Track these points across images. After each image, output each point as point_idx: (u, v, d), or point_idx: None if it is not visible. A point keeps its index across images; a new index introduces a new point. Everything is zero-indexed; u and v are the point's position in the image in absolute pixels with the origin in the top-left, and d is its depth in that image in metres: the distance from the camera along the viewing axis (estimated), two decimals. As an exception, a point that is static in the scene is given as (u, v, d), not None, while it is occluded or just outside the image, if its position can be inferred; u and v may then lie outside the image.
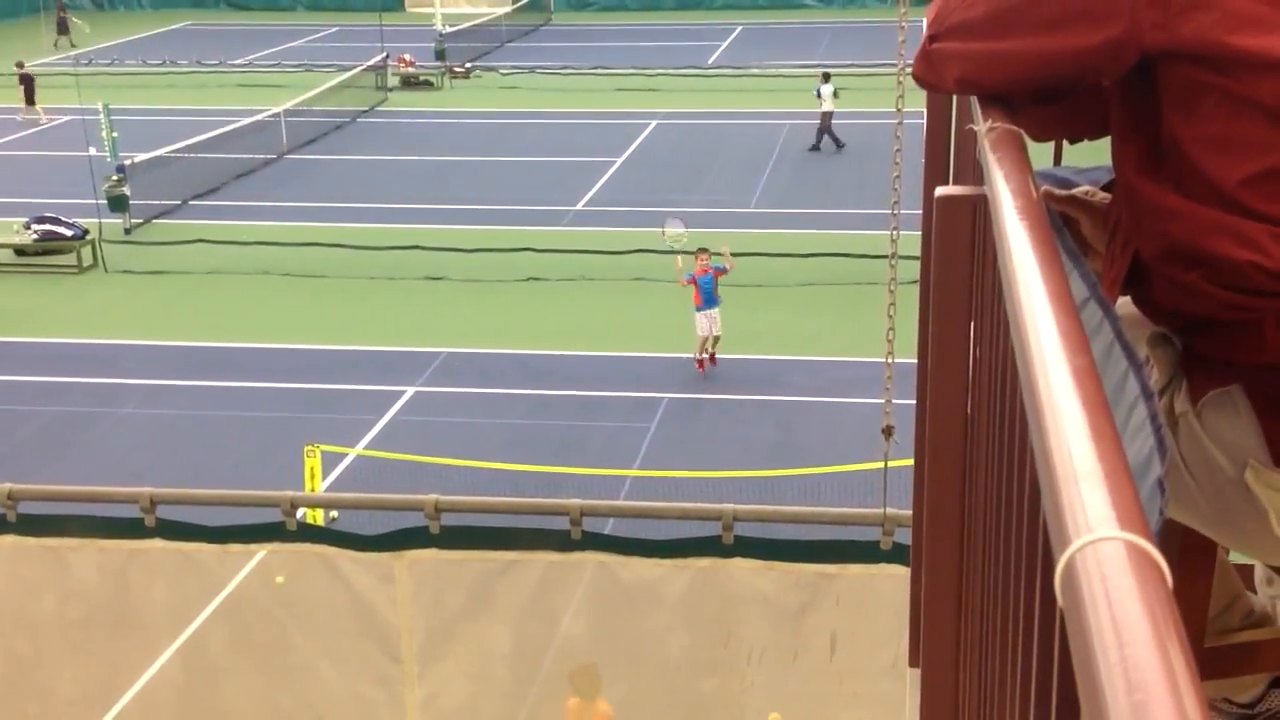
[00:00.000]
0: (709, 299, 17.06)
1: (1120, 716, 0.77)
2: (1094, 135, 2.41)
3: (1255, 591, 2.63)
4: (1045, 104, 2.27)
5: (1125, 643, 0.82)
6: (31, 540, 5.92)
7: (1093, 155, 2.84)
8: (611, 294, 19.83)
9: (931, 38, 2.19)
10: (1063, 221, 2.29)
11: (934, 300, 2.35)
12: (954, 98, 3.23)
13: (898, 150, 4.60)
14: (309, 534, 5.88)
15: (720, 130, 31.32)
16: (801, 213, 24.06)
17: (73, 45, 45.49)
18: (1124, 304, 2.18)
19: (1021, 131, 2.04)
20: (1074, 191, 2.41)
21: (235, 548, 5.86)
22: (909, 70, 4.71)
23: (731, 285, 19.83)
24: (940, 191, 2.32)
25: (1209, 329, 2.02)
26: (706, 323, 17.00)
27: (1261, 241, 1.86)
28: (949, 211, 2.28)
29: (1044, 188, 2.42)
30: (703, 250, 17.55)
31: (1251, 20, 1.81)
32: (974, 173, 2.52)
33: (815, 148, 28.71)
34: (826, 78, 28.78)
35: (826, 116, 28.39)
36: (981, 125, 2.11)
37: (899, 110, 4.43)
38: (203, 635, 6.40)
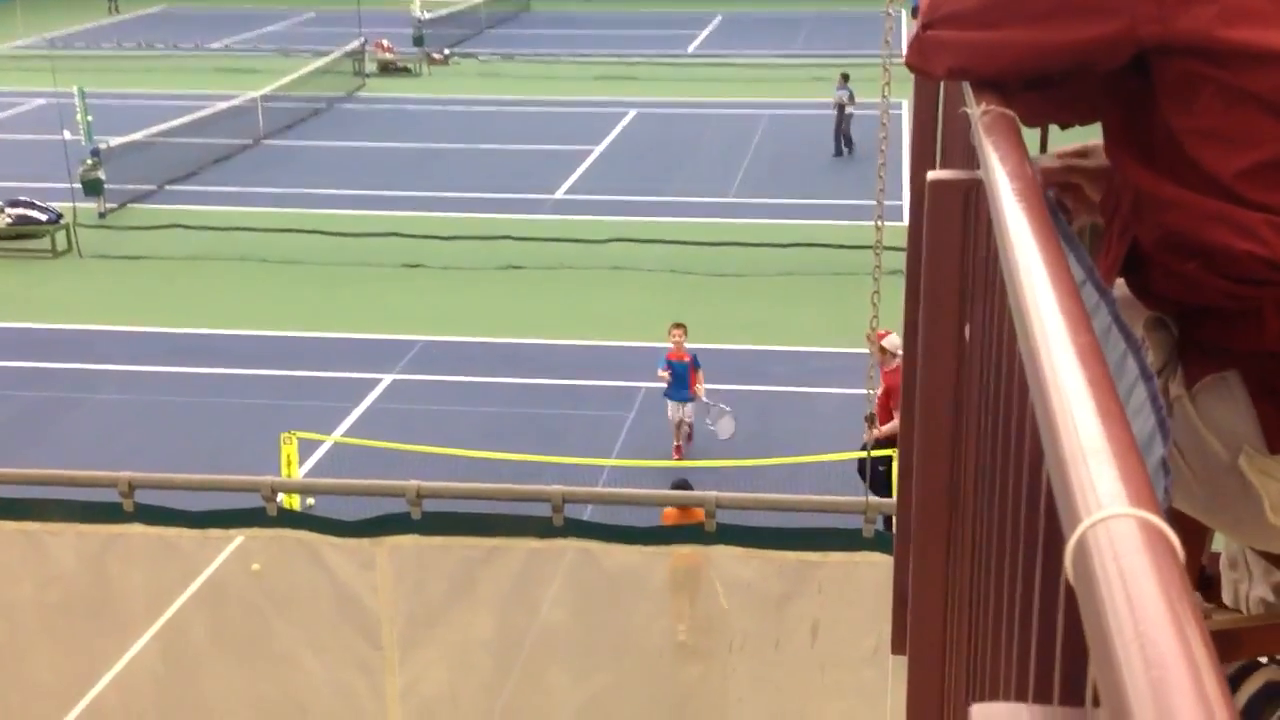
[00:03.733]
0: (679, 388, 14.45)
1: (1138, 694, 0.76)
2: (1085, 121, 2.41)
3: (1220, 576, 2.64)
4: (1037, 90, 2.26)
5: (1140, 620, 0.82)
6: (9, 524, 5.87)
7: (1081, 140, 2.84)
8: (590, 283, 19.80)
9: (925, 25, 2.18)
10: (1061, 188, 2.29)
11: (925, 285, 2.34)
12: (941, 84, 3.22)
13: (883, 137, 4.59)
14: (289, 519, 5.85)
15: (700, 119, 31.31)
16: (780, 203, 24.07)
17: (118, 10, 46.11)
18: (1118, 286, 2.18)
19: (1015, 115, 2.03)
20: (1072, 148, 2.41)
21: (215, 533, 5.82)
22: (895, 59, 4.69)
23: (712, 275, 19.86)
24: (932, 176, 2.31)
25: (1207, 316, 2.02)
26: (674, 410, 14.50)
27: (1260, 231, 1.86)
28: (941, 196, 2.27)
29: (1040, 163, 2.43)
30: (677, 326, 14.77)
31: (1249, 13, 1.81)
32: (965, 157, 2.51)
33: (841, 152, 27.49)
34: (846, 79, 27.26)
35: (845, 118, 27.15)
36: (975, 109, 2.10)
37: (884, 97, 4.42)
38: (182, 621, 6.36)
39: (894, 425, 12.37)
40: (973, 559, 1.99)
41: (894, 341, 12.93)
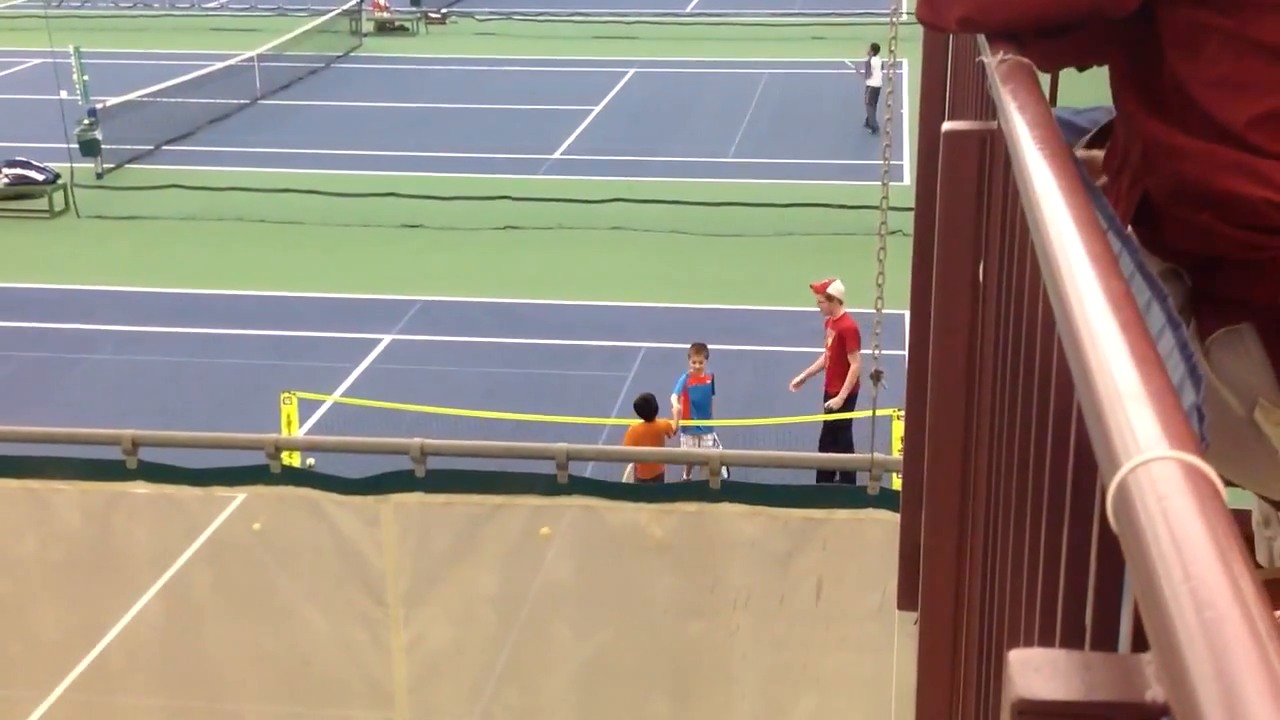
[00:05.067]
0: (702, 415, 12.80)
1: (1190, 636, 0.75)
2: (1102, 62, 2.39)
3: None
4: (1051, 37, 2.24)
5: (1189, 561, 0.80)
6: (13, 482, 5.87)
7: (1092, 94, 2.82)
8: (588, 243, 19.76)
9: None
10: None
11: (940, 238, 2.32)
12: (949, 37, 3.19)
13: (889, 92, 4.56)
14: (294, 477, 5.85)
15: (698, 79, 31.16)
16: (779, 163, 23.99)
17: None
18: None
19: (1032, 63, 2.01)
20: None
21: (219, 490, 5.82)
22: (897, 18, 4.62)
23: (710, 235, 19.82)
24: (947, 126, 2.29)
25: (1221, 267, 2.00)
26: (691, 446, 12.44)
27: (1276, 178, 1.84)
28: (956, 146, 2.26)
29: None
30: (698, 350, 12.96)
31: None
32: (976, 108, 2.49)
33: (870, 125, 25.80)
34: (876, 50, 25.52)
35: (874, 92, 25.17)
36: (991, 58, 2.08)
37: (892, 51, 4.39)
38: (186, 578, 6.37)
39: (853, 373, 12.47)
40: (989, 508, 1.98)
41: (840, 288, 12.88)
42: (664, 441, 12.10)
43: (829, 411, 12.76)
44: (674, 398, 12.87)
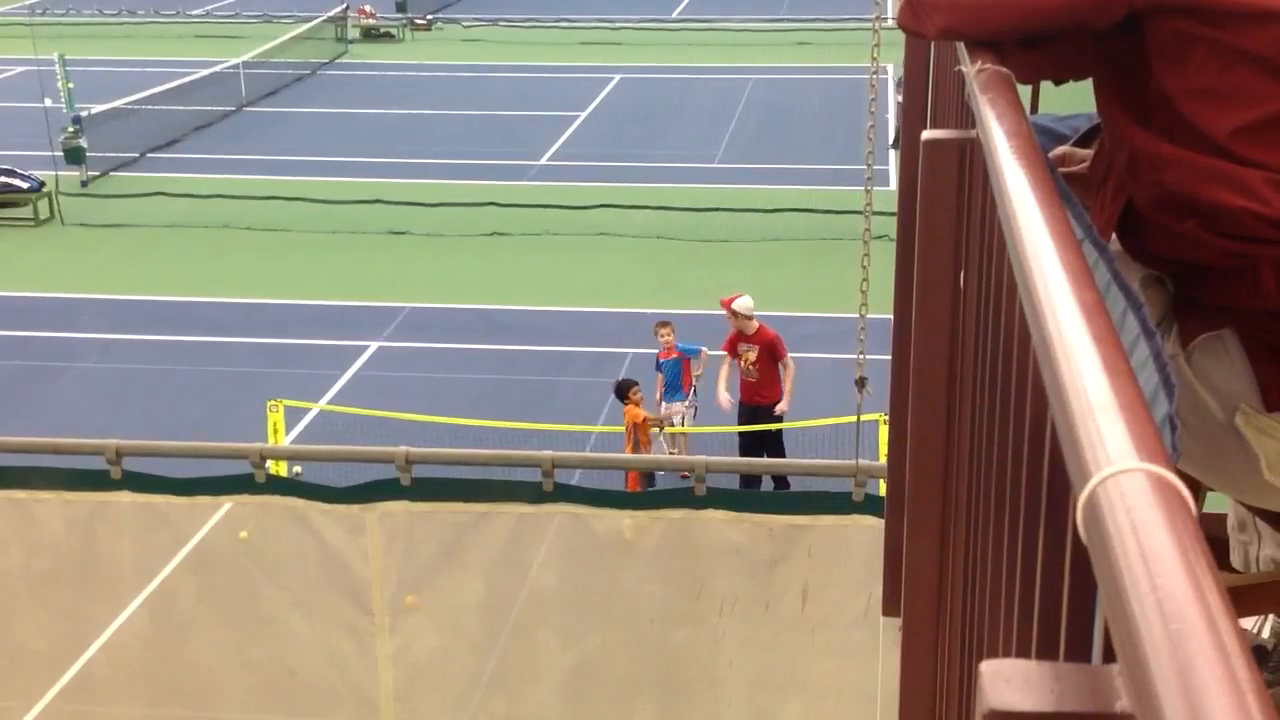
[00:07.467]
0: (672, 389, 13.11)
1: (1156, 648, 0.75)
2: (1079, 77, 2.40)
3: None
4: (1031, 47, 2.25)
5: (1156, 573, 0.81)
6: (-3, 492, 5.86)
7: (1073, 102, 2.83)
8: (575, 249, 19.75)
9: None
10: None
11: (920, 245, 2.33)
12: (932, 44, 3.21)
13: (872, 100, 4.57)
14: (278, 486, 5.84)
15: (684, 84, 31.18)
16: (766, 168, 24.02)
17: None
18: (1111, 244, 2.17)
19: (1010, 73, 2.02)
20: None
21: (203, 500, 5.81)
22: (881, 23, 4.64)
23: (697, 241, 19.82)
24: (926, 135, 2.30)
25: (1203, 274, 2.01)
26: (666, 412, 13.03)
27: (1258, 188, 1.86)
28: (936, 155, 2.26)
29: None
30: (664, 325, 13.33)
31: None
32: (957, 117, 2.50)
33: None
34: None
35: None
36: (970, 67, 2.08)
37: (874, 59, 4.40)
38: (171, 587, 6.36)
39: (791, 376, 12.57)
40: (969, 516, 1.99)
41: (745, 303, 12.73)
42: (646, 430, 12.37)
43: (779, 417, 12.79)
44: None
